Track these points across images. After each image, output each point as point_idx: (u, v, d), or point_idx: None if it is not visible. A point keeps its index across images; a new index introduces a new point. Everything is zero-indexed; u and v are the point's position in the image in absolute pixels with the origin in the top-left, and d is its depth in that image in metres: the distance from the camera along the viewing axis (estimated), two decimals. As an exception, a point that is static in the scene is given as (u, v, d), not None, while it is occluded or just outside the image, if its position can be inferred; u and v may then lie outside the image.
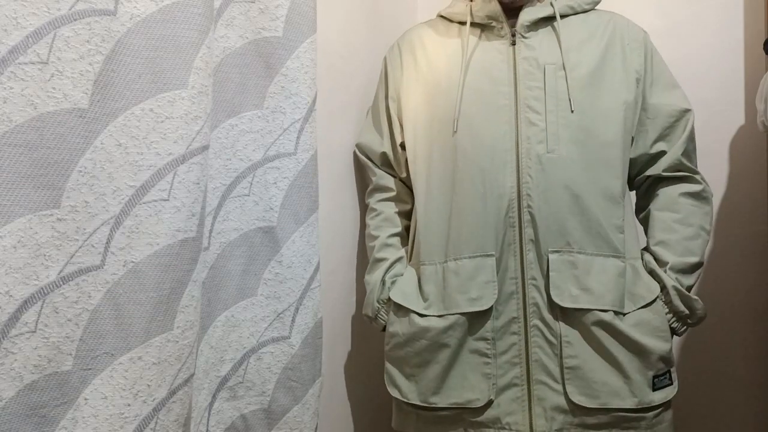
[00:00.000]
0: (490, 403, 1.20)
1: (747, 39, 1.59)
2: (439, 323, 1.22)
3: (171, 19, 0.91)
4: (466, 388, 1.21)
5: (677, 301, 1.21)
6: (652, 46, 1.30)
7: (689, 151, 1.29)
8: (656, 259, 1.26)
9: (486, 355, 1.20)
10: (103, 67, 0.86)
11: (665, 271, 1.23)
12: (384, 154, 1.41)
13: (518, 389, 1.19)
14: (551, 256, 1.18)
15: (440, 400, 1.22)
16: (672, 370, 1.23)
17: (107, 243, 0.86)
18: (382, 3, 1.64)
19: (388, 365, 1.31)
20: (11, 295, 0.78)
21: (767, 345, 1.55)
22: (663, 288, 1.22)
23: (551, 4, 1.26)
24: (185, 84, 0.92)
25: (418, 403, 1.25)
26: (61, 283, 0.82)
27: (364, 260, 1.52)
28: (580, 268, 1.18)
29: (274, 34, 1.13)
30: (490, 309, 1.19)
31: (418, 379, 1.25)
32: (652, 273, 1.25)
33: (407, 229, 1.41)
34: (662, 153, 1.28)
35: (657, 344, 1.19)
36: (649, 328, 1.20)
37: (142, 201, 0.89)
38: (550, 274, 1.18)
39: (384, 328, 1.32)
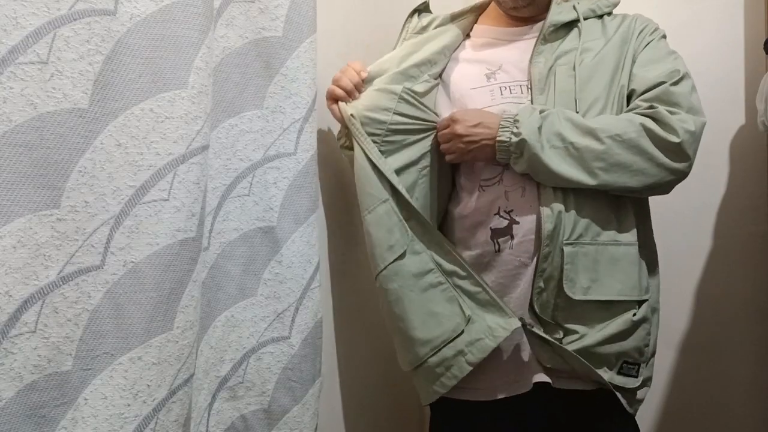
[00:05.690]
0: None
1: (747, 39, 1.59)
2: None
3: (171, 18, 0.91)
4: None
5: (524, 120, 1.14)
6: (656, 35, 1.27)
7: (686, 90, 1.19)
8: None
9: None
10: (103, 67, 0.86)
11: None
12: None
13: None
14: (566, 249, 1.17)
15: None
16: (643, 366, 1.22)
17: (107, 243, 0.86)
18: (382, 3, 1.63)
19: None
20: (11, 295, 0.78)
21: (767, 345, 1.55)
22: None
23: (574, 8, 1.28)
24: (185, 84, 0.92)
25: None
26: (60, 283, 0.82)
27: (364, 260, 1.52)
28: (592, 260, 1.18)
29: (274, 34, 1.13)
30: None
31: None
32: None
33: None
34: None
35: (639, 339, 1.21)
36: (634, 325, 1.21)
37: (141, 201, 0.88)
38: (565, 267, 1.17)
39: None
